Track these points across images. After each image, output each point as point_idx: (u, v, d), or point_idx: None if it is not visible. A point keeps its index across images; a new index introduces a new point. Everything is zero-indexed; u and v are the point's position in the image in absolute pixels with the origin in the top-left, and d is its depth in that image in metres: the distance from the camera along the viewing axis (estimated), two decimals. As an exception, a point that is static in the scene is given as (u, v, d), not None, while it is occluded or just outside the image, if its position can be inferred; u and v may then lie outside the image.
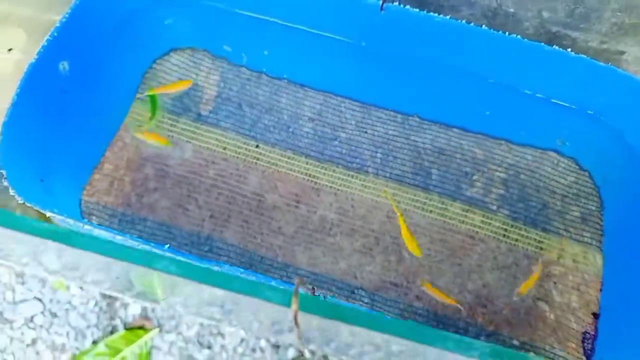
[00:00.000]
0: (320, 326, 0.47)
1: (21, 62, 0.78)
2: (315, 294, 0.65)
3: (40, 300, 0.88)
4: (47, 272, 0.85)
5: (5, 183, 0.65)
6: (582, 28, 0.76)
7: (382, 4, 0.77)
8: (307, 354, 0.63)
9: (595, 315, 0.86)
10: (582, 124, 0.88)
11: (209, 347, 0.85)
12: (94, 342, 0.86)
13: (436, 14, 0.77)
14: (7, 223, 0.48)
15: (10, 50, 0.78)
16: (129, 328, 0.87)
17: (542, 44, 0.76)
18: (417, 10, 0.78)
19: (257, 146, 0.97)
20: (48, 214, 0.65)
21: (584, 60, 0.77)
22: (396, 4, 0.79)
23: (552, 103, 0.87)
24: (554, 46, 0.76)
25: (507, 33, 0.76)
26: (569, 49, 0.75)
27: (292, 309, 0.41)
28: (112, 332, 0.87)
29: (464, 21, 0.77)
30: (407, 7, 0.78)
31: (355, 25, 0.84)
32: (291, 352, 0.79)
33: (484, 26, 0.76)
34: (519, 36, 0.76)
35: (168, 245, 0.66)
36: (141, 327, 0.87)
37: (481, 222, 0.94)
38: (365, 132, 0.99)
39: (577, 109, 0.86)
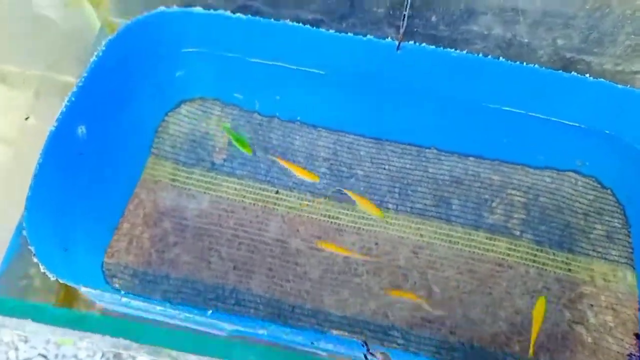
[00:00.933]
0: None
1: (35, 127, 0.77)
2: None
3: (45, 357, 0.84)
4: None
5: (35, 260, 0.63)
6: (596, 52, 0.77)
7: (399, 44, 0.78)
8: None
9: (637, 336, 0.85)
10: (602, 145, 0.88)
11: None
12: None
13: (452, 49, 0.78)
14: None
15: (27, 118, 0.77)
16: (137, 382, 0.84)
17: (561, 71, 0.77)
18: (433, 47, 0.79)
19: (277, 192, 0.96)
20: (83, 289, 0.64)
21: (603, 83, 0.78)
22: (412, 42, 0.79)
23: (570, 126, 0.87)
24: (572, 72, 0.77)
25: (524, 63, 0.76)
26: (587, 74, 0.76)
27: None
28: (120, 387, 0.84)
29: (480, 54, 0.78)
30: (424, 44, 0.79)
31: (370, 64, 0.85)
32: None
33: (501, 58, 0.77)
34: (536, 65, 0.77)
35: (211, 311, 0.64)
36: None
37: (507, 249, 0.94)
38: (383, 168, 0.99)
39: (596, 130, 0.87)
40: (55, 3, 0.82)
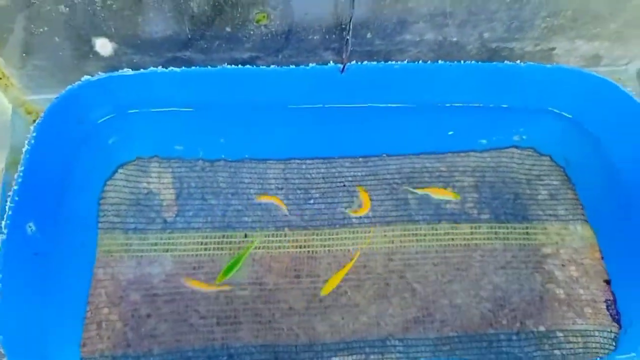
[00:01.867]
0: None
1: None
2: None
3: None
4: None
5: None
6: (517, 38, 0.83)
7: (344, 66, 0.78)
8: None
9: (607, 282, 0.93)
10: (537, 118, 0.96)
11: None
12: None
13: (392, 62, 0.80)
14: None
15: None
16: None
17: (497, 63, 0.82)
18: (375, 62, 0.80)
19: (245, 236, 0.93)
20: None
21: (533, 66, 0.84)
22: (353, 62, 0.80)
23: (507, 108, 0.93)
24: (498, 60, 0.82)
25: (459, 60, 0.80)
26: (511, 59, 0.82)
27: None
28: None
29: (420, 61, 0.80)
30: (365, 62, 0.80)
31: (315, 91, 0.84)
32: None
33: (440, 61, 0.80)
34: (474, 62, 0.81)
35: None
36: None
37: (470, 233, 0.98)
38: (336, 184, 0.99)
39: (531, 107, 0.93)
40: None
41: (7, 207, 0.65)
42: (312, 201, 0.98)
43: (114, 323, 0.86)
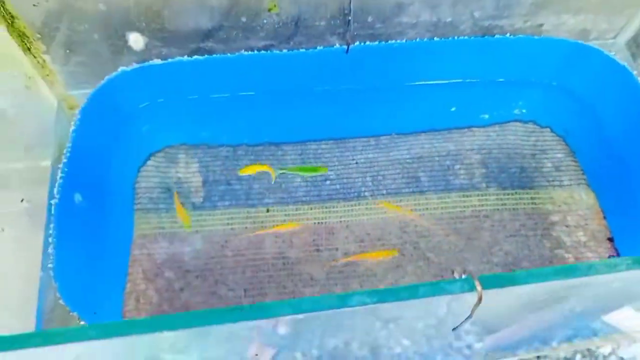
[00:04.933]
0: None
1: (29, 210, 0.78)
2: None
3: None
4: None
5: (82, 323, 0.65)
6: (506, 15, 0.90)
7: (348, 47, 0.87)
8: None
9: (611, 240, 0.97)
10: (534, 91, 1.02)
11: None
12: None
13: (393, 41, 0.88)
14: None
15: (22, 200, 0.78)
16: None
17: (487, 37, 0.90)
18: (376, 42, 0.88)
19: (267, 210, 1.01)
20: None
21: (520, 38, 0.92)
22: (357, 43, 0.88)
23: (504, 82, 1.00)
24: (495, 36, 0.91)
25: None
26: (508, 34, 0.90)
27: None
28: None
29: (417, 39, 0.89)
30: (367, 42, 0.88)
31: (324, 72, 0.93)
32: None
33: (436, 38, 0.88)
34: (466, 37, 0.89)
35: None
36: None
37: (479, 202, 1.03)
38: (350, 165, 1.07)
39: (526, 80, 1.00)
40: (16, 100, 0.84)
41: (58, 177, 0.74)
42: (328, 181, 1.05)
43: (151, 297, 0.94)
